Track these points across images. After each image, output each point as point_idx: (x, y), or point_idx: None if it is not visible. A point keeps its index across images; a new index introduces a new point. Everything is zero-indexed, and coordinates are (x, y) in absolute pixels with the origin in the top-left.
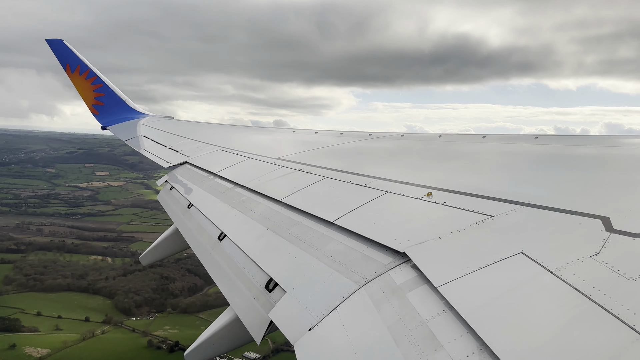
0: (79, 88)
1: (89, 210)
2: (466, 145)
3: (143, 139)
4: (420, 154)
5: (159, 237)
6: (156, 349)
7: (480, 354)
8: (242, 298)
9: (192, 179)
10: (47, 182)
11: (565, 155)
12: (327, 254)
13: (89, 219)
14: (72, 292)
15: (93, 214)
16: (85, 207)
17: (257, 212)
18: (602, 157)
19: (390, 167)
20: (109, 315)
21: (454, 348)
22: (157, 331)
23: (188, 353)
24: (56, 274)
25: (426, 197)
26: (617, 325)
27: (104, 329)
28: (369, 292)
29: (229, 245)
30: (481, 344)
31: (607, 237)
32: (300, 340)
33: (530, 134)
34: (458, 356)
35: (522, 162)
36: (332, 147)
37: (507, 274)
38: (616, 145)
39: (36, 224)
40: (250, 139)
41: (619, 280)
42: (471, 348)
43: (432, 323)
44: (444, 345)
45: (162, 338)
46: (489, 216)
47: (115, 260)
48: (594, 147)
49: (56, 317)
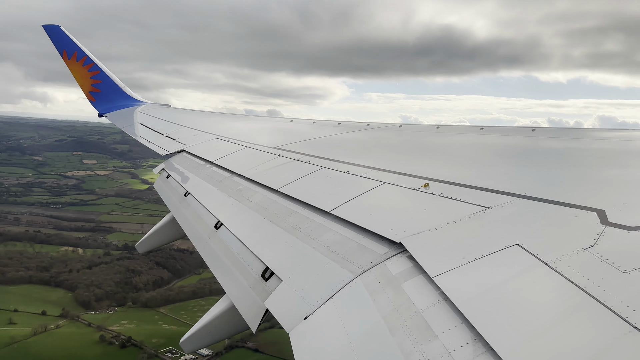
0: (76, 75)
1: (71, 199)
2: (463, 137)
3: (140, 126)
4: (417, 145)
5: (137, 227)
6: (108, 344)
7: (474, 344)
8: (238, 286)
9: (189, 167)
10: (33, 171)
11: (562, 148)
12: (324, 243)
13: (70, 208)
14: (33, 285)
15: (75, 203)
16: (68, 196)
17: (254, 201)
18: (599, 150)
19: (387, 158)
20: (65, 309)
21: (449, 338)
22: (114, 326)
23: (183, 341)
24: (20, 266)
25: (423, 188)
26: (611, 317)
27: (59, 324)
28: (365, 281)
29: (225, 234)
30: (475, 334)
31: (602, 230)
32: (296, 328)
33: (527, 126)
34: (452, 346)
35: (519, 154)
36: (329, 137)
37: (503, 266)
38: (613, 138)
39: (15, 213)
40: (248, 128)
41: (614, 272)
42: (465, 338)
43: (427, 313)
44: (438, 335)
45: (116, 333)
46: (485, 207)
47: (87, 251)
48: (591, 140)
49: (12, 310)
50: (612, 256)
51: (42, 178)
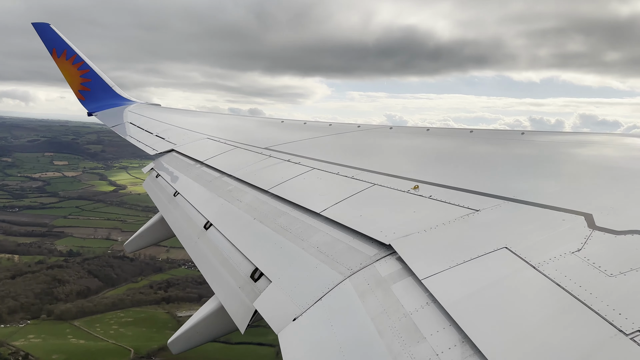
0: (65, 73)
1: (31, 202)
2: (453, 140)
3: (129, 125)
4: (408, 147)
5: (90, 232)
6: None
7: (462, 347)
8: (227, 287)
9: (179, 167)
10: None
11: (551, 152)
12: (314, 244)
13: (27, 212)
14: None
15: (34, 206)
16: (29, 199)
17: (244, 201)
18: (587, 155)
19: (378, 160)
20: None
21: (437, 340)
22: (19, 341)
23: (171, 341)
24: None
25: (413, 190)
26: (597, 320)
27: None
28: (354, 283)
29: (214, 235)
30: (463, 336)
31: (589, 234)
32: (285, 330)
33: (516, 130)
34: (440, 348)
35: (508, 158)
36: (320, 138)
37: (491, 268)
38: (601, 143)
39: None
40: (238, 128)
41: (600, 276)
42: (453, 340)
43: (415, 315)
44: (426, 338)
45: (15, 349)
46: (474, 210)
47: (23, 258)
48: (579, 145)
49: None
50: (598, 260)
51: (6, 180)
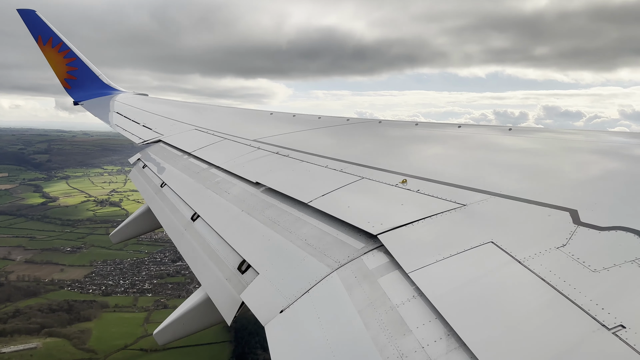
0: (51, 61)
1: None
2: (442, 134)
3: (116, 115)
4: (396, 142)
5: (6, 251)
6: None
7: (447, 339)
8: (214, 279)
9: (166, 157)
10: None
11: (537, 148)
12: (301, 237)
13: None
14: None
15: None
16: None
17: (231, 193)
18: (573, 151)
19: (366, 153)
20: None
21: (423, 333)
22: None
23: (157, 332)
24: None
25: (401, 184)
26: (580, 314)
27: None
28: (342, 276)
29: (202, 226)
30: (449, 329)
31: (574, 230)
32: (271, 322)
33: (504, 125)
34: (426, 341)
35: (496, 153)
36: (309, 131)
37: (477, 262)
38: (586, 139)
39: None
40: (227, 120)
41: (584, 271)
42: (439, 333)
43: (402, 308)
44: (412, 330)
45: None
46: (461, 205)
47: None
48: (566, 141)
49: None
50: (582, 255)
51: None
